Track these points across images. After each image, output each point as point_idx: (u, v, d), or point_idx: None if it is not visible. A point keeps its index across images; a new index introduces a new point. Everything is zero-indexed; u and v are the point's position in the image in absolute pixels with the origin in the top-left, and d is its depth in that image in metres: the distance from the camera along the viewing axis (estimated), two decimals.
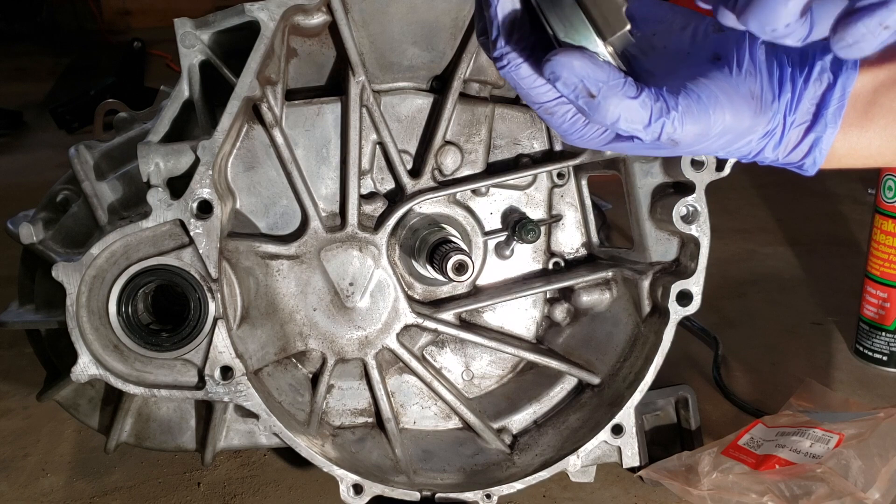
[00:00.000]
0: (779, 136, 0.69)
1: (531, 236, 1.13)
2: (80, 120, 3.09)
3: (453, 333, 1.15)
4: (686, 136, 0.67)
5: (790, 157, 0.71)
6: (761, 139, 0.70)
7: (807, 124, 0.69)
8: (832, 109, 0.68)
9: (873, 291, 1.46)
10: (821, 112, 0.68)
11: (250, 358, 1.05)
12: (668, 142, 0.68)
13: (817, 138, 0.69)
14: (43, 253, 1.09)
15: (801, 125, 0.69)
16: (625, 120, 0.65)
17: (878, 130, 0.68)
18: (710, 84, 0.67)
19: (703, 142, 0.69)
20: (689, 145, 0.69)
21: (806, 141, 0.69)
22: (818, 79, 0.68)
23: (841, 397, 1.30)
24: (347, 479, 1.07)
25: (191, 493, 1.21)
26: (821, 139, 0.69)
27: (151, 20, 4.69)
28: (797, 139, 0.70)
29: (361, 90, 1.08)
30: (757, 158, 0.72)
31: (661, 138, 0.67)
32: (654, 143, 0.69)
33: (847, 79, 0.67)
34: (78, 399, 1.17)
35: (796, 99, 0.68)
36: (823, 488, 1.03)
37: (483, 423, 1.17)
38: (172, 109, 1.02)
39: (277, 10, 0.97)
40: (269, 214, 1.10)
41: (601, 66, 0.65)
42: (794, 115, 0.68)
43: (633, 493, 1.18)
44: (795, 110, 0.68)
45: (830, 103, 0.68)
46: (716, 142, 0.69)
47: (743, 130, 0.69)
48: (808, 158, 0.70)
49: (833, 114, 0.68)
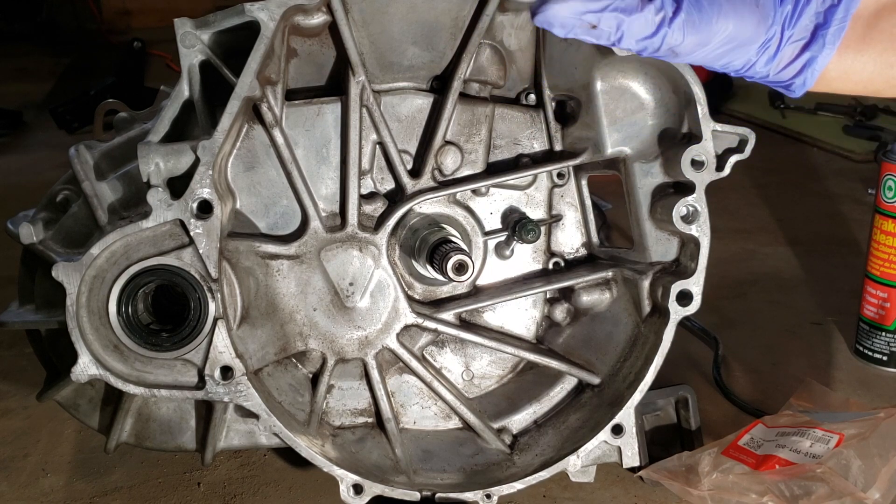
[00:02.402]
0: (774, 49, 0.67)
1: (531, 236, 1.13)
2: (80, 120, 3.09)
3: (453, 333, 1.15)
4: (687, 46, 0.67)
5: (781, 75, 0.69)
6: (757, 50, 0.68)
7: (804, 41, 0.67)
8: (833, 29, 0.65)
9: (873, 291, 1.46)
10: (819, 31, 0.66)
11: (250, 358, 1.05)
12: (667, 52, 0.68)
13: (812, 57, 0.67)
14: (43, 253, 1.09)
15: (797, 41, 0.67)
16: (627, 38, 0.66)
17: (875, 55, 0.66)
18: None
19: (701, 50, 0.67)
20: (687, 53, 0.68)
21: (800, 59, 0.68)
22: None
23: (841, 397, 1.30)
24: (347, 479, 1.07)
25: (191, 493, 1.21)
26: (815, 59, 0.67)
27: (151, 20, 4.69)
28: (791, 56, 0.68)
29: (361, 90, 1.08)
30: (748, 73, 0.70)
31: (661, 49, 0.67)
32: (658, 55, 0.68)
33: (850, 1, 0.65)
34: (78, 399, 1.17)
35: (797, 12, 0.66)
36: (823, 488, 1.03)
37: (483, 423, 1.17)
38: (172, 109, 1.02)
39: (277, 10, 0.97)
40: (269, 214, 1.10)
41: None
42: (792, 29, 0.66)
43: (633, 493, 1.18)
44: (795, 24, 0.66)
45: (832, 22, 0.65)
46: (714, 51, 0.68)
47: (744, 39, 0.67)
48: (798, 78, 0.69)
49: (833, 34, 0.66)
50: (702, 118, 1.02)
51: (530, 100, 1.17)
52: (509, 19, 1.10)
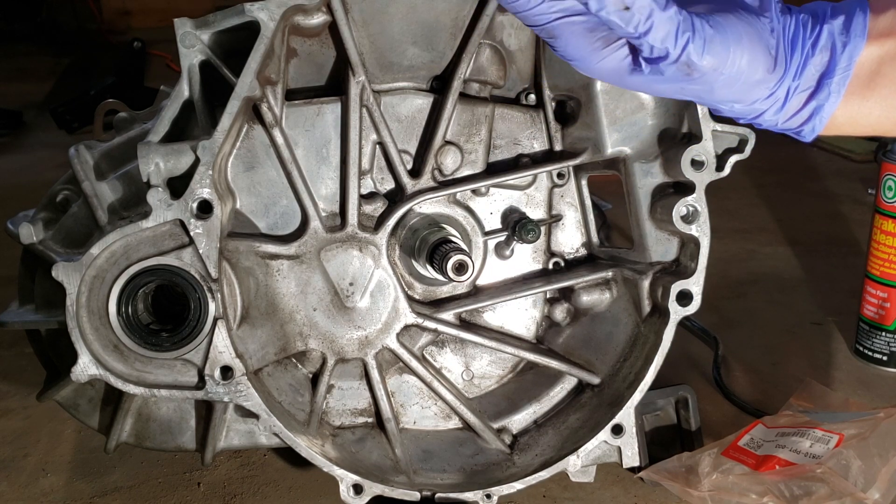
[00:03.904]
0: (782, 100, 0.69)
1: (531, 236, 1.13)
2: (80, 120, 3.09)
3: (453, 333, 1.15)
4: (704, 65, 0.67)
5: (789, 123, 0.71)
6: (765, 100, 0.69)
7: (810, 90, 0.69)
8: (837, 78, 0.68)
9: (873, 291, 1.46)
10: (824, 80, 0.68)
11: (250, 358, 1.05)
12: (683, 68, 0.67)
13: (819, 106, 0.69)
14: (43, 253, 1.09)
15: (804, 91, 0.69)
16: (654, 31, 0.65)
17: (880, 100, 0.68)
18: (739, 23, 0.66)
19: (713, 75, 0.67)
20: (701, 77, 0.68)
21: (807, 108, 0.69)
22: (825, 45, 0.68)
23: (841, 397, 1.30)
24: (347, 479, 1.07)
25: (191, 493, 1.21)
26: (822, 107, 0.69)
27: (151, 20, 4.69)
28: (798, 105, 0.69)
29: (361, 90, 1.08)
30: (757, 121, 0.72)
31: (680, 59, 0.66)
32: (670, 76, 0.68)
33: (854, 48, 0.67)
34: (78, 399, 1.17)
35: (803, 64, 0.68)
36: (823, 489, 1.03)
37: (483, 423, 1.17)
38: (172, 109, 1.02)
39: (277, 10, 0.97)
40: (269, 214, 1.10)
41: None
42: (798, 80, 0.68)
43: (633, 493, 1.18)
44: (801, 76, 0.68)
45: (836, 72, 0.67)
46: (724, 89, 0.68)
47: (752, 83, 0.68)
48: (807, 125, 0.70)
49: (837, 83, 0.68)
50: (702, 118, 1.02)
51: (530, 100, 1.17)
52: (509, 19, 1.10)
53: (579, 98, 1.12)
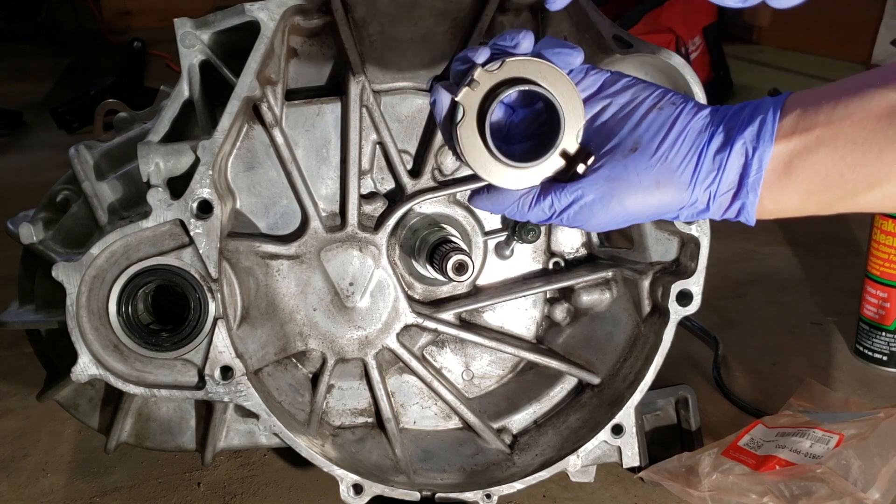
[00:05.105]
0: (703, 205, 0.81)
1: (531, 236, 1.13)
2: (80, 120, 3.08)
3: (453, 333, 1.15)
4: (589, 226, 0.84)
5: (726, 216, 0.82)
6: (686, 209, 0.82)
7: (733, 191, 0.80)
8: (752, 180, 0.78)
9: (873, 291, 1.46)
10: (743, 181, 0.79)
11: (250, 358, 1.05)
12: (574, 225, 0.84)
13: (743, 203, 0.80)
14: (43, 253, 1.09)
15: (726, 192, 0.80)
16: (533, 217, 0.84)
17: (796, 189, 0.78)
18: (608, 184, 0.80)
19: (610, 223, 0.83)
20: (597, 227, 0.84)
21: (734, 206, 0.81)
22: (739, 153, 0.78)
23: (841, 397, 1.30)
24: (347, 479, 1.07)
25: (191, 493, 1.21)
26: (746, 204, 0.80)
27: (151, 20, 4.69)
28: (725, 204, 0.81)
29: (361, 90, 1.08)
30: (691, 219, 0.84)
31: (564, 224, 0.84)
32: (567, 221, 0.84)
33: (763, 152, 0.78)
34: (78, 399, 1.17)
35: (720, 175, 0.79)
36: (824, 489, 1.03)
37: (483, 423, 1.17)
38: (172, 109, 1.02)
39: (277, 10, 0.97)
40: (269, 214, 1.10)
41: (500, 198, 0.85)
42: (717, 186, 0.80)
43: (633, 493, 1.18)
44: (719, 183, 0.79)
45: (750, 174, 0.78)
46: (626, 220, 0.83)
47: (653, 211, 0.82)
48: (741, 216, 0.81)
49: (753, 183, 0.79)
50: None
51: None
52: (509, 19, 1.10)
53: None
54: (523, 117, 0.86)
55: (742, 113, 0.80)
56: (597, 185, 0.81)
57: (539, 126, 0.86)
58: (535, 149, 0.81)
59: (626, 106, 0.82)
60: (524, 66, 0.80)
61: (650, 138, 0.80)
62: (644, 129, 0.81)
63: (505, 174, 0.82)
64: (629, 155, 0.80)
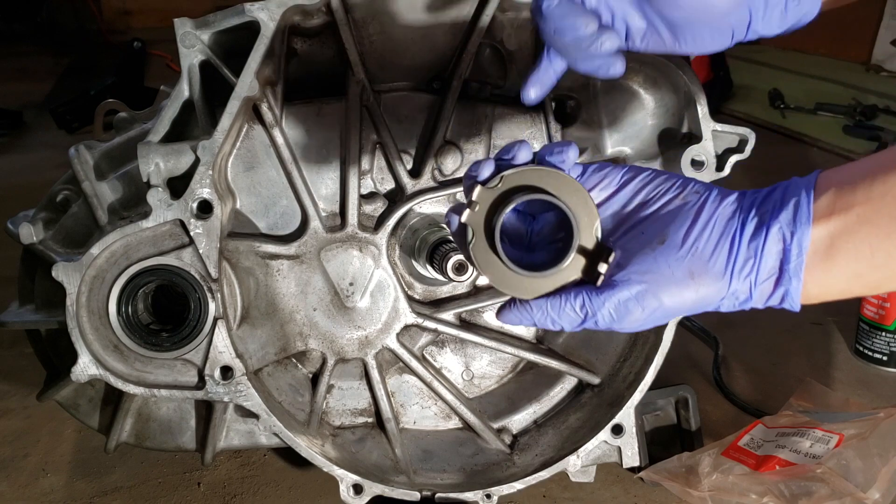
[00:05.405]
0: (746, 294, 0.78)
1: None
2: (80, 120, 3.08)
3: (453, 333, 1.15)
4: (626, 326, 0.79)
5: (769, 303, 0.78)
6: (727, 299, 0.78)
7: (774, 277, 0.76)
8: (793, 265, 0.75)
9: None
10: (784, 267, 0.75)
11: (250, 358, 1.05)
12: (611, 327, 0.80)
13: (787, 290, 0.76)
14: (43, 253, 1.09)
15: (767, 280, 0.76)
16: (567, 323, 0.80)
17: (841, 271, 0.75)
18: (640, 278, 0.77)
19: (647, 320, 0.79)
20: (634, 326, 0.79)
21: (777, 293, 0.77)
22: (776, 239, 0.75)
23: (841, 397, 1.30)
24: (347, 479, 1.07)
25: (191, 493, 1.21)
26: (790, 290, 0.76)
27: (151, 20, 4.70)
28: (768, 292, 0.77)
29: (361, 90, 1.08)
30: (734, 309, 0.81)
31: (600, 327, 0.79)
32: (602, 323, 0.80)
33: (802, 235, 0.74)
34: (78, 399, 1.17)
35: (758, 263, 0.76)
36: (824, 489, 1.03)
37: (483, 423, 1.17)
38: (172, 109, 1.02)
39: (277, 10, 0.97)
40: (269, 214, 1.10)
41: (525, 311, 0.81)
42: (756, 275, 0.76)
43: (633, 493, 1.18)
44: (758, 272, 0.76)
45: (791, 259, 0.75)
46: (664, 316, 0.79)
47: (691, 304, 0.78)
48: (784, 304, 0.78)
49: (794, 269, 0.75)
50: (702, 118, 1.02)
51: None
52: (509, 19, 1.10)
53: (579, 98, 1.12)
54: (544, 224, 0.84)
55: (773, 196, 0.78)
56: (629, 282, 0.77)
57: (559, 231, 0.84)
58: (557, 255, 0.80)
59: (649, 200, 0.80)
60: (523, 177, 0.78)
61: (676, 229, 0.78)
62: (670, 221, 0.78)
63: (525, 285, 0.80)
64: (657, 248, 0.78)
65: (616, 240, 0.80)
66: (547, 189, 0.78)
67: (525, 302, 0.81)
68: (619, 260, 0.78)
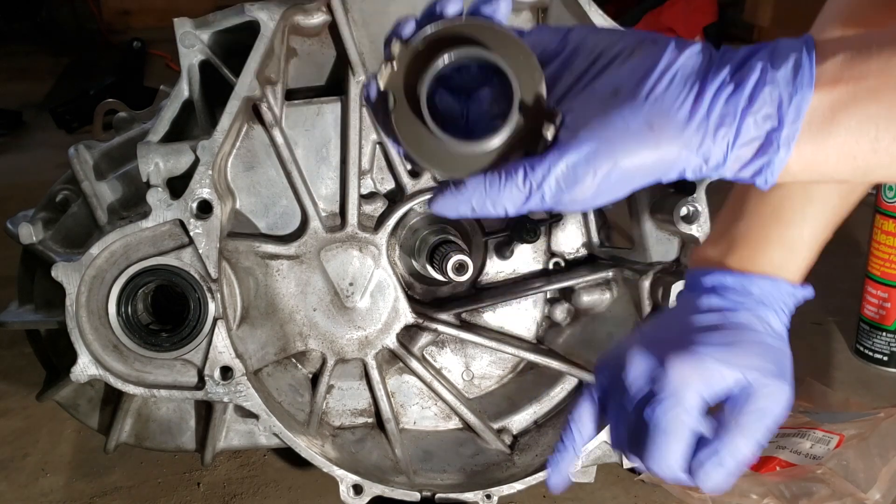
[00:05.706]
0: (720, 158, 0.64)
1: (531, 236, 1.13)
2: (79, 120, 3.08)
3: (453, 333, 1.15)
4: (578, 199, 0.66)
5: (741, 175, 0.66)
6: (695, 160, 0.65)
7: (758, 143, 0.64)
8: (785, 133, 0.63)
9: (873, 291, 1.46)
10: (772, 134, 0.63)
11: (250, 358, 1.05)
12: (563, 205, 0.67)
13: (769, 161, 0.64)
14: (42, 253, 1.09)
15: (748, 145, 0.64)
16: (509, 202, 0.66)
17: (836, 149, 0.64)
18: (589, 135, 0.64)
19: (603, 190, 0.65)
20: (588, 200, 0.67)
21: (755, 163, 0.64)
22: (768, 99, 0.63)
23: (841, 397, 1.30)
24: (347, 479, 1.06)
25: (191, 493, 1.21)
26: (772, 162, 0.64)
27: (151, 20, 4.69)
28: (745, 159, 0.65)
29: (361, 90, 1.08)
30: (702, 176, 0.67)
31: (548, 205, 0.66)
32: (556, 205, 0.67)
33: (802, 99, 0.62)
34: (78, 399, 1.17)
35: (739, 121, 0.63)
36: (824, 489, 1.03)
37: (483, 424, 1.17)
38: (172, 109, 1.02)
39: (277, 9, 0.97)
40: (269, 214, 1.10)
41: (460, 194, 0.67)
42: (736, 136, 0.63)
43: (634, 493, 1.18)
44: (738, 132, 0.63)
45: (784, 125, 0.63)
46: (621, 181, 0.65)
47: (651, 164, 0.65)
48: (758, 177, 0.66)
49: (786, 137, 0.63)
50: None
51: None
52: (510, 19, 1.10)
53: None
54: (481, 102, 0.70)
55: (759, 53, 0.65)
56: (577, 141, 0.64)
57: (499, 106, 0.70)
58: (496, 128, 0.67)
59: (599, 55, 0.67)
60: (452, 30, 0.66)
61: (631, 77, 0.65)
62: (624, 73, 0.65)
63: (459, 161, 0.67)
64: (609, 100, 0.65)
65: (563, 102, 0.67)
66: (478, 41, 0.66)
67: (460, 184, 0.68)
68: (567, 122, 0.66)
